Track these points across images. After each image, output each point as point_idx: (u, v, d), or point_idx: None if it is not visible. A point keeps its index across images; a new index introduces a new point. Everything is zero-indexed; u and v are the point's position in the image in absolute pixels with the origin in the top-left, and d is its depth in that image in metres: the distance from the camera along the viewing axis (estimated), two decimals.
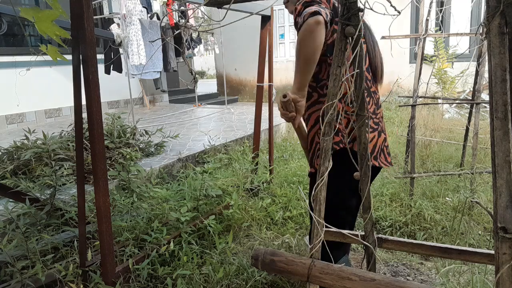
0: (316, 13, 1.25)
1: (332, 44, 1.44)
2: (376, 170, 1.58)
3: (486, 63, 1.14)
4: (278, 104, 1.38)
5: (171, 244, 2.01)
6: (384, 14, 1.00)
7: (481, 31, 2.64)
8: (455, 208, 2.56)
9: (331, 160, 1.13)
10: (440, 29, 6.09)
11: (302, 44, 1.28)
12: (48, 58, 1.25)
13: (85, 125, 2.12)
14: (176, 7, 5.76)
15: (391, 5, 0.97)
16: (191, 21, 6.01)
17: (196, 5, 2.33)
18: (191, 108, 7.51)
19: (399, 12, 1.00)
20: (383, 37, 2.89)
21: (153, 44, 4.98)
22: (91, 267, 1.84)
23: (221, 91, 9.40)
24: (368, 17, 1.11)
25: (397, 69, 8.01)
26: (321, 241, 1.14)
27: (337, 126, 1.42)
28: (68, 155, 2.99)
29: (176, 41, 6.29)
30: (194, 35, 6.74)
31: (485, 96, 5.41)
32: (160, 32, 5.41)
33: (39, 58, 1.38)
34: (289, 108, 1.35)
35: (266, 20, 3.02)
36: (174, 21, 6.01)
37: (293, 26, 1.47)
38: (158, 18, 5.87)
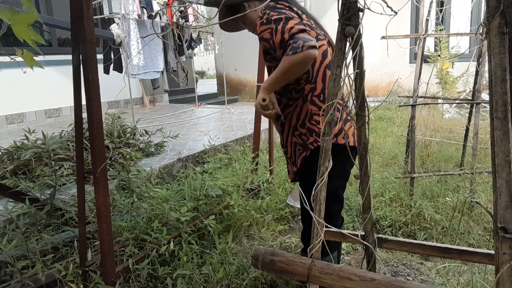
0: (315, 47, 1.36)
1: None
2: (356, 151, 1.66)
3: (486, 63, 1.14)
4: (258, 108, 1.56)
5: (171, 244, 2.01)
6: (381, 14, 1.01)
7: (481, 31, 2.64)
8: (455, 208, 2.56)
9: (331, 160, 1.13)
10: (441, 29, 6.10)
11: (293, 65, 1.38)
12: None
13: (85, 125, 2.12)
14: (177, 7, 5.75)
15: (388, 6, 0.99)
16: (191, 20, 6.00)
17: (196, 4, 2.33)
18: (191, 108, 7.51)
19: (396, 13, 1.01)
20: (383, 37, 2.89)
21: (154, 45, 4.97)
22: (91, 267, 1.85)
23: (221, 91, 9.40)
24: (368, 17, 1.12)
25: (397, 69, 8.03)
26: (321, 240, 1.14)
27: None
28: (68, 155, 2.99)
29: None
30: (194, 34, 6.74)
31: (485, 96, 5.41)
32: (159, 32, 5.40)
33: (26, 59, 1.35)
34: (270, 107, 1.58)
35: None
36: (174, 21, 6.00)
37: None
38: (160, 18, 5.87)
